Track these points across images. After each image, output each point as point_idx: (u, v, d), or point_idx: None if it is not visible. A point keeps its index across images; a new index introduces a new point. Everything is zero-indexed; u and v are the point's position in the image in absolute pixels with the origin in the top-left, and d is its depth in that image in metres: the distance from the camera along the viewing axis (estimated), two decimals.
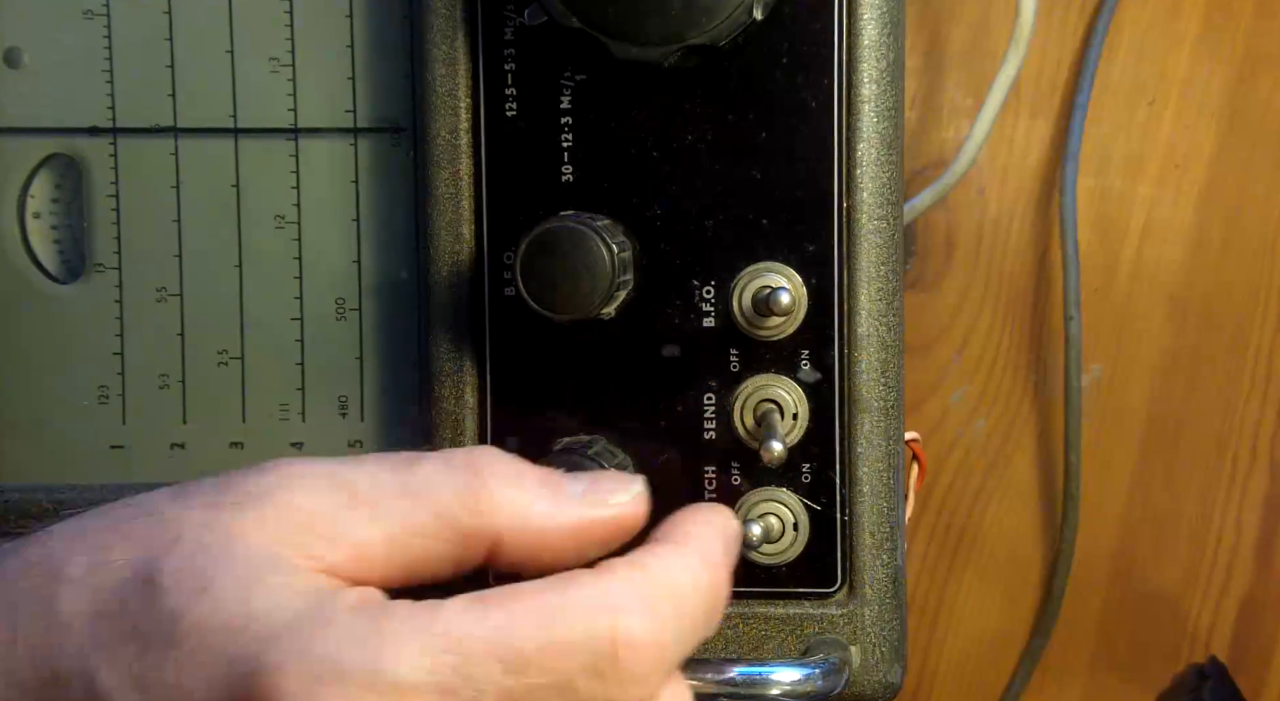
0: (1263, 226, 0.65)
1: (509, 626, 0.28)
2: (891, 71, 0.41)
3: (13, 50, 0.45)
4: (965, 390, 0.66)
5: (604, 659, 0.28)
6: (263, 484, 0.30)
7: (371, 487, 0.30)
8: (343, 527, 0.29)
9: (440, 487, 0.30)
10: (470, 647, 0.27)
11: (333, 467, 0.30)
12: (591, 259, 0.38)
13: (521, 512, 0.31)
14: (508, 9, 0.41)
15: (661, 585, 0.30)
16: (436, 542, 0.30)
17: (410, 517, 0.30)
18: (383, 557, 0.30)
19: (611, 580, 0.30)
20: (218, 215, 0.45)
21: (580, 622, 0.28)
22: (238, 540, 0.29)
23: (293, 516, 0.29)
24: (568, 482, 0.32)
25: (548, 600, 0.29)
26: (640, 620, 0.29)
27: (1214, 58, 0.65)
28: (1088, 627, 0.67)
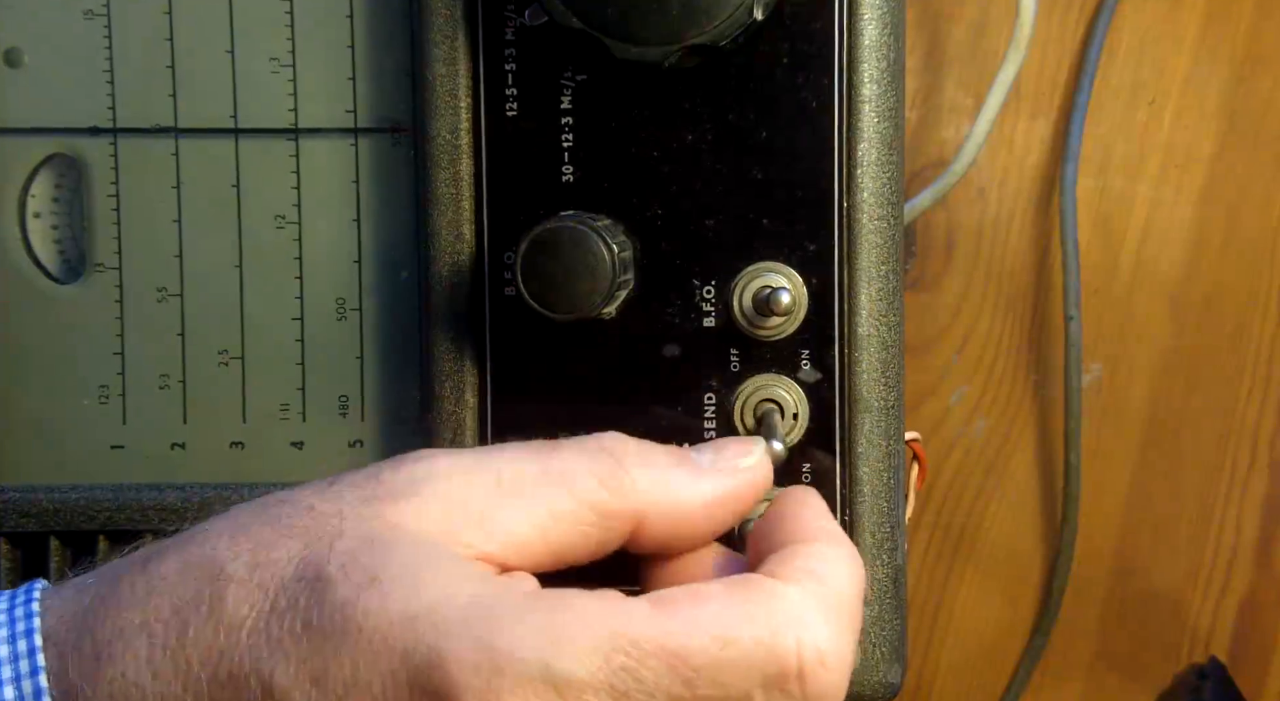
0: (1263, 226, 0.65)
1: (687, 634, 0.28)
2: (892, 71, 0.41)
3: (13, 50, 0.45)
4: (965, 390, 0.67)
5: (788, 678, 0.28)
6: (413, 475, 0.30)
7: (516, 475, 0.30)
8: (495, 516, 0.30)
9: (581, 472, 0.31)
10: (644, 650, 0.27)
11: (476, 458, 0.31)
12: (592, 259, 0.38)
13: (661, 490, 0.31)
14: (508, 9, 0.41)
15: (835, 593, 0.30)
16: (582, 526, 0.30)
17: (557, 503, 0.30)
18: (533, 544, 0.30)
19: (789, 589, 0.29)
20: (218, 215, 0.45)
21: (761, 637, 0.28)
22: (398, 530, 0.29)
23: (446, 506, 0.29)
24: (694, 454, 0.32)
25: (726, 608, 0.28)
26: (827, 635, 0.29)
27: (1214, 58, 0.65)
28: (1088, 627, 0.67)
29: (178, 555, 0.29)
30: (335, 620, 0.27)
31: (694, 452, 0.33)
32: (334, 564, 0.28)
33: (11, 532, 0.45)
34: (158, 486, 0.45)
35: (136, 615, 0.29)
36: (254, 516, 0.30)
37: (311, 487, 0.31)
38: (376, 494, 0.30)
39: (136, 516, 0.44)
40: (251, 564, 0.29)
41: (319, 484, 0.31)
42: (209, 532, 0.30)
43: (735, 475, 0.32)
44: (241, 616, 0.28)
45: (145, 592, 0.29)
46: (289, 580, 0.28)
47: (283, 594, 0.28)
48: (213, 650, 0.28)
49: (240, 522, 0.30)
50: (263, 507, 0.30)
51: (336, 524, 0.29)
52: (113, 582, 0.29)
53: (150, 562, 0.30)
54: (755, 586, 0.29)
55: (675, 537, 0.31)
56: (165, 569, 0.29)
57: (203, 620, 0.28)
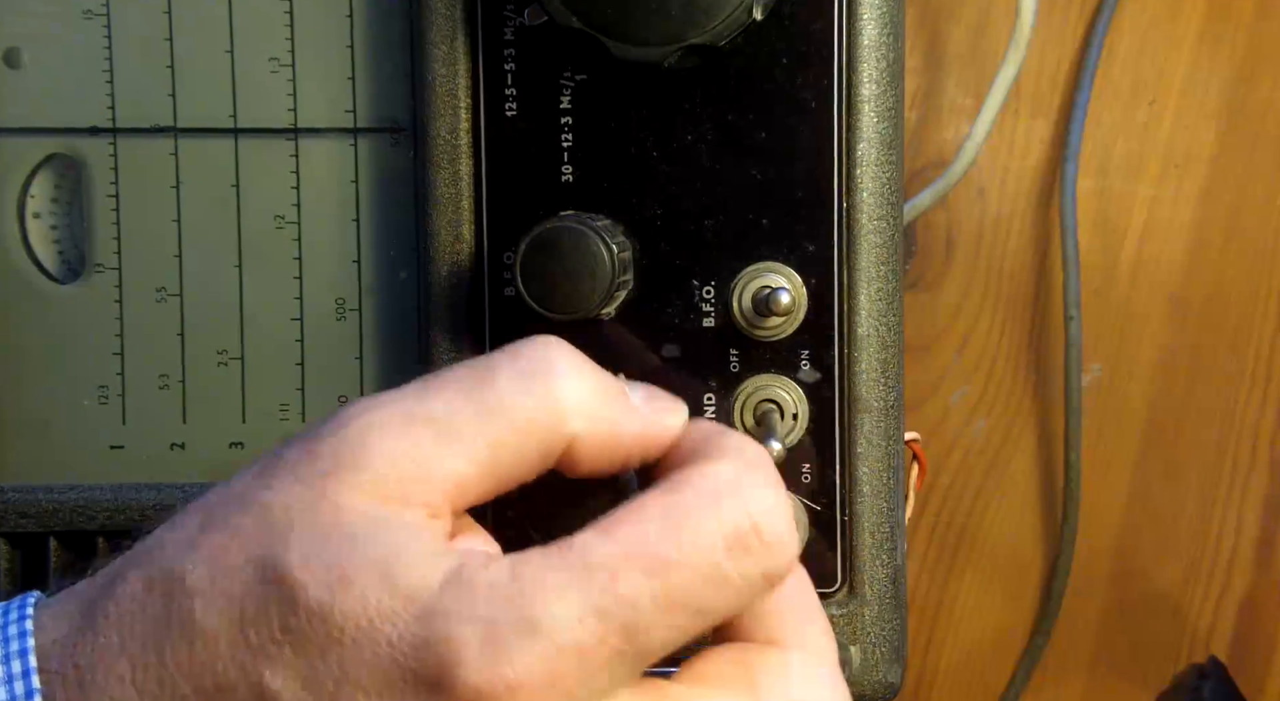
0: (1263, 226, 0.65)
1: (641, 536, 0.28)
2: (891, 71, 0.41)
3: (13, 50, 0.45)
4: (965, 390, 0.67)
5: (746, 534, 0.29)
6: (349, 440, 0.30)
7: (452, 417, 0.30)
8: (434, 466, 0.29)
9: (518, 400, 0.30)
10: (610, 567, 0.28)
11: (407, 404, 0.30)
12: (591, 259, 0.38)
13: (594, 415, 0.31)
14: (508, 9, 0.41)
15: (755, 459, 0.31)
16: (521, 452, 0.30)
17: (494, 437, 0.30)
18: (476, 480, 0.30)
19: (718, 466, 0.30)
20: (217, 215, 0.45)
21: (709, 509, 0.29)
22: (345, 511, 0.29)
23: (385, 469, 0.29)
24: (629, 390, 0.33)
25: (669, 500, 0.29)
26: (763, 488, 0.30)
27: (1214, 58, 0.65)
28: (1088, 627, 0.67)
29: (138, 573, 0.29)
30: (313, 623, 0.27)
31: (629, 389, 0.33)
32: (295, 564, 0.28)
33: (11, 533, 0.45)
34: (157, 486, 0.45)
35: (114, 639, 0.28)
36: (199, 520, 0.30)
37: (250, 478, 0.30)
38: (316, 471, 0.29)
39: (136, 516, 0.44)
40: (210, 575, 0.28)
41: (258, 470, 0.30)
42: (162, 545, 0.30)
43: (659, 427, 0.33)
44: (214, 628, 0.28)
45: (117, 616, 0.29)
46: (252, 584, 0.28)
47: (249, 600, 0.28)
48: (194, 664, 0.28)
49: (188, 528, 0.30)
50: (207, 510, 0.30)
51: (285, 517, 0.29)
52: (85, 609, 0.29)
53: (114, 584, 0.29)
54: (686, 475, 0.30)
55: (599, 460, 0.32)
56: (130, 589, 0.29)
57: (177, 638, 0.28)
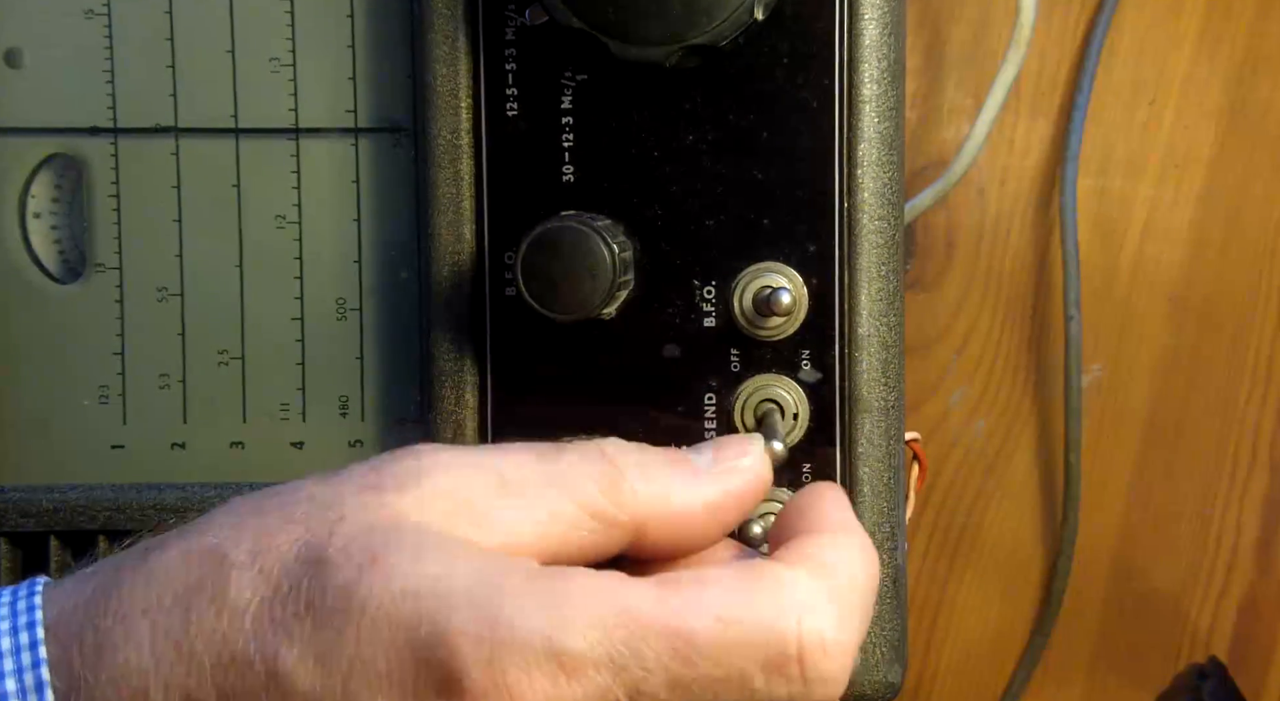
0: (1262, 226, 0.65)
1: (687, 613, 0.28)
2: (892, 71, 0.41)
3: (13, 50, 0.45)
4: (965, 390, 0.67)
5: (789, 662, 0.28)
6: (415, 469, 0.30)
7: (518, 476, 0.30)
8: (495, 515, 0.30)
9: (583, 478, 0.31)
10: (644, 627, 0.27)
11: (479, 455, 0.31)
12: (592, 259, 0.38)
13: (661, 500, 0.31)
14: (508, 9, 0.41)
15: (845, 582, 0.30)
16: (582, 531, 0.30)
17: (557, 507, 0.30)
18: (531, 544, 0.30)
19: (797, 576, 0.29)
20: (218, 215, 0.45)
21: (764, 619, 0.28)
22: (399, 517, 0.29)
23: (447, 501, 0.29)
24: (693, 457, 0.32)
25: (731, 591, 0.28)
26: (831, 622, 0.29)
27: (1214, 58, 0.65)
28: (1088, 627, 0.67)
29: (179, 545, 0.30)
30: (338, 600, 0.28)
31: (693, 454, 0.33)
32: (334, 547, 0.28)
33: (11, 532, 0.45)
34: (158, 486, 0.45)
35: (139, 603, 0.29)
36: (255, 506, 0.30)
37: (312, 479, 0.31)
38: (378, 484, 0.30)
39: (136, 516, 0.44)
40: (253, 550, 0.29)
41: (320, 475, 0.31)
42: (210, 523, 0.30)
43: (734, 475, 0.32)
44: (245, 600, 0.28)
45: (146, 581, 0.29)
46: (291, 564, 0.28)
47: (285, 578, 0.28)
48: (216, 634, 0.28)
49: (242, 513, 0.30)
50: (263, 498, 0.31)
51: (338, 511, 0.29)
52: (114, 572, 0.30)
53: (151, 553, 0.30)
54: (761, 570, 0.29)
55: (678, 543, 0.32)
56: (167, 558, 0.29)
57: (205, 606, 0.28)
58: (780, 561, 0.30)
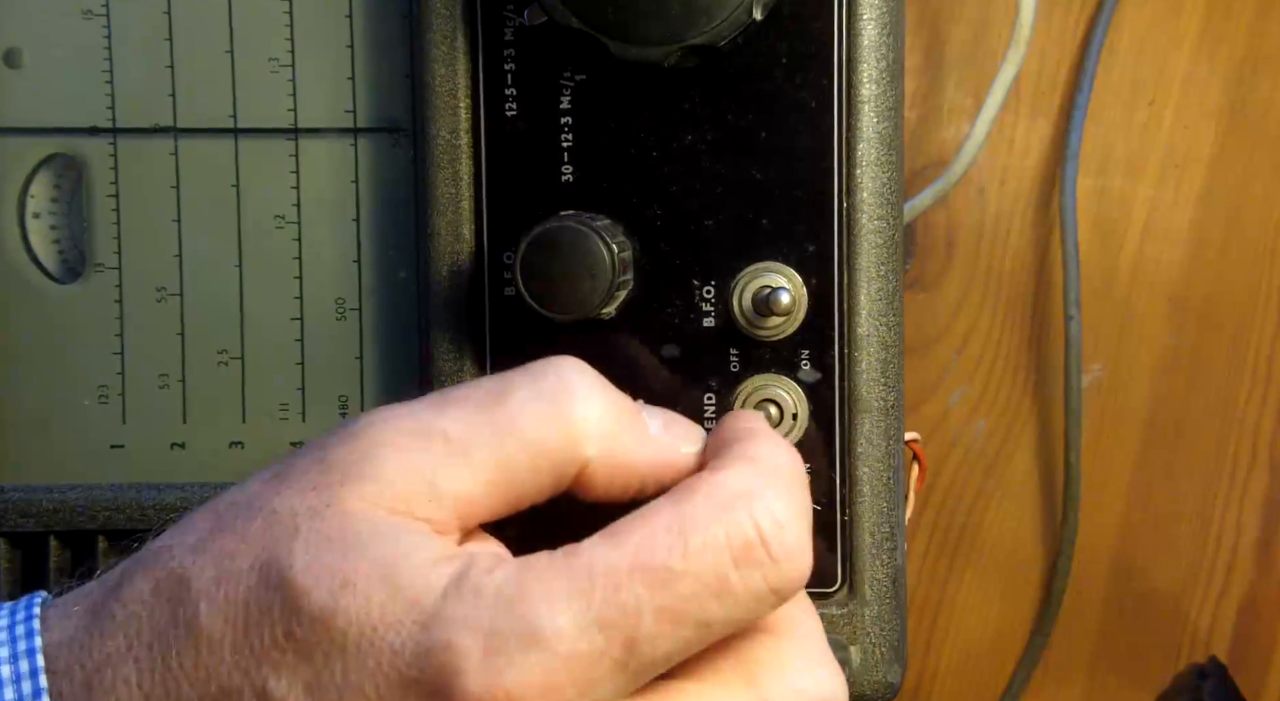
0: (1263, 226, 0.65)
1: (646, 545, 0.28)
2: (891, 71, 0.41)
3: (13, 50, 0.45)
4: (965, 390, 0.67)
5: (753, 546, 0.28)
6: (360, 450, 0.30)
7: (464, 433, 0.30)
8: (444, 484, 0.29)
9: (532, 421, 0.30)
10: (614, 577, 0.28)
11: (422, 418, 0.30)
12: (591, 259, 0.38)
13: (609, 440, 0.31)
14: (508, 9, 0.41)
15: (774, 466, 0.30)
16: (533, 474, 0.30)
17: (506, 457, 0.30)
18: (485, 499, 0.30)
19: (729, 474, 0.30)
20: (218, 215, 0.45)
21: (715, 520, 0.28)
22: (351, 518, 0.29)
23: (394, 483, 0.29)
24: (646, 417, 0.32)
25: (676, 511, 0.29)
26: (774, 499, 0.29)
27: (1214, 58, 0.65)
28: (1088, 627, 0.67)
29: (146, 575, 0.29)
30: (316, 629, 0.27)
31: (646, 414, 0.33)
32: (298, 567, 0.28)
33: (11, 532, 0.45)
34: (157, 486, 0.45)
35: (120, 641, 0.28)
36: (209, 525, 0.30)
37: (262, 482, 0.30)
38: (326, 481, 0.29)
39: (136, 516, 0.44)
40: (217, 577, 0.28)
41: (270, 475, 0.31)
42: (173, 548, 0.30)
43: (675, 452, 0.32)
44: (219, 632, 0.28)
45: (123, 618, 0.29)
46: (255, 588, 0.28)
47: (253, 604, 0.28)
48: (199, 669, 0.28)
49: (197, 532, 0.30)
50: (217, 515, 0.30)
51: (291, 522, 0.29)
52: (93, 609, 0.29)
53: (122, 586, 0.29)
54: (696, 484, 0.30)
55: (610, 486, 0.32)
56: (137, 591, 0.29)
57: (182, 641, 0.28)
58: (709, 467, 0.30)
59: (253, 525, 0.29)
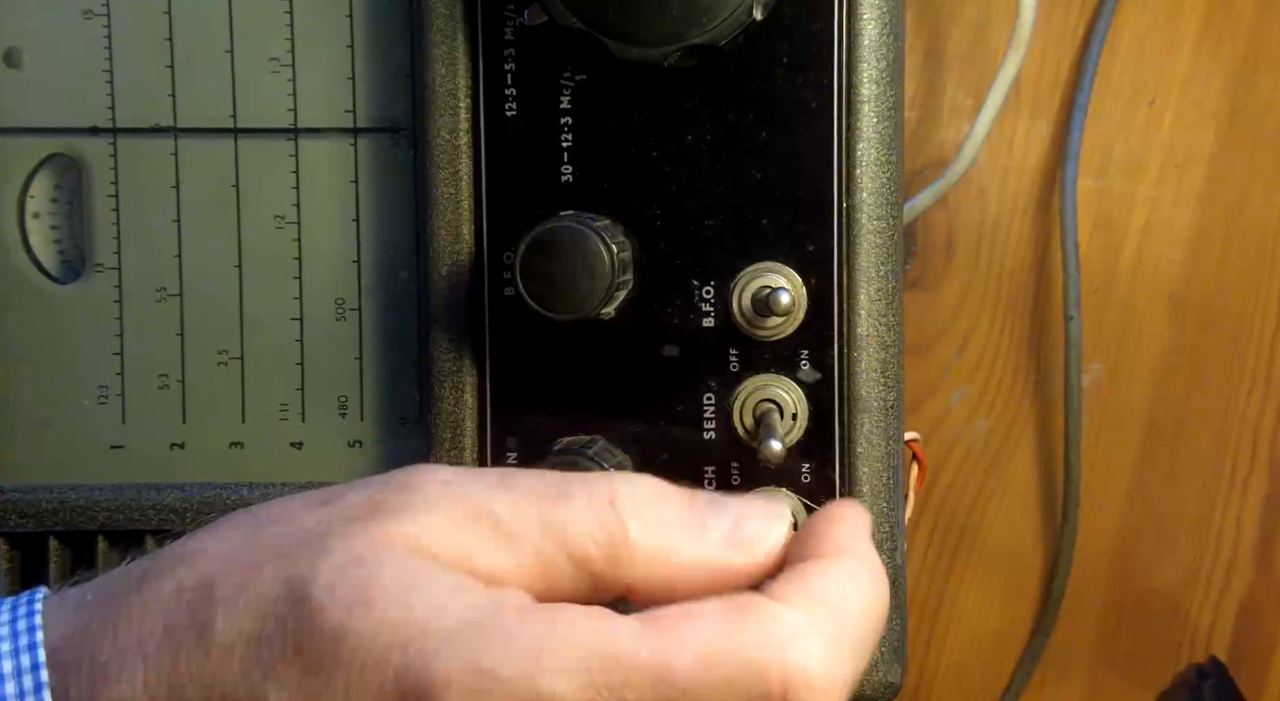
0: (1263, 226, 0.65)
1: (672, 653, 0.27)
2: (891, 71, 0.41)
3: (13, 50, 0.45)
4: (965, 390, 0.66)
5: (772, 698, 0.27)
6: (410, 500, 0.29)
7: (514, 519, 0.29)
8: (481, 560, 0.29)
9: (583, 532, 0.29)
10: (627, 669, 0.27)
11: (476, 491, 0.30)
12: (591, 259, 0.38)
13: (660, 564, 0.30)
14: (508, 9, 0.41)
15: (838, 613, 0.29)
16: (573, 582, 0.30)
17: (546, 557, 0.29)
18: (515, 583, 0.29)
19: (787, 609, 0.28)
20: (218, 215, 0.45)
21: (748, 658, 0.27)
22: (383, 549, 0.28)
23: (434, 538, 0.29)
24: (711, 518, 0.30)
25: (716, 630, 0.28)
26: (817, 654, 0.28)
27: (1214, 58, 0.65)
28: (1088, 627, 0.67)
29: (170, 575, 0.29)
30: (325, 644, 0.27)
31: (712, 513, 0.31)
32: (320, 584, 0.28)
33: (11, 532, 0.45)
34: (157, 486, 0.45)
35: (132, 638, 0.28)
36: (244, 534, 0.30)
37: (305, 501, 0.31)
38: (368, 513, 0.29)
39: (136, 516, 0.44)
40: (240, 585, 0.28)
41: (312, 498, 0.31)
42: (200, 553, 0.30)
43: (746, 556, 0.30)
44: (231, 640, 0.28)
45: (140, 615, 0.29)
46: (276, 601, 0.28)
47: (271, 616, 0.28)
48: (205, 674, 0.28)
49: (231, 540, 0.30)
50: (254, 525, 0.30)
51: (325, 543, 0.29)
52: (109, 603, 0.29)
53: (144, 583, 0.29)
54: (749, 606, 0.28)
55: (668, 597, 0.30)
56: (158, 590, 0.29)
57: (194, 644, 0.28)
58: (771, 593, 0.29)
59: (286, 540, 0.29)
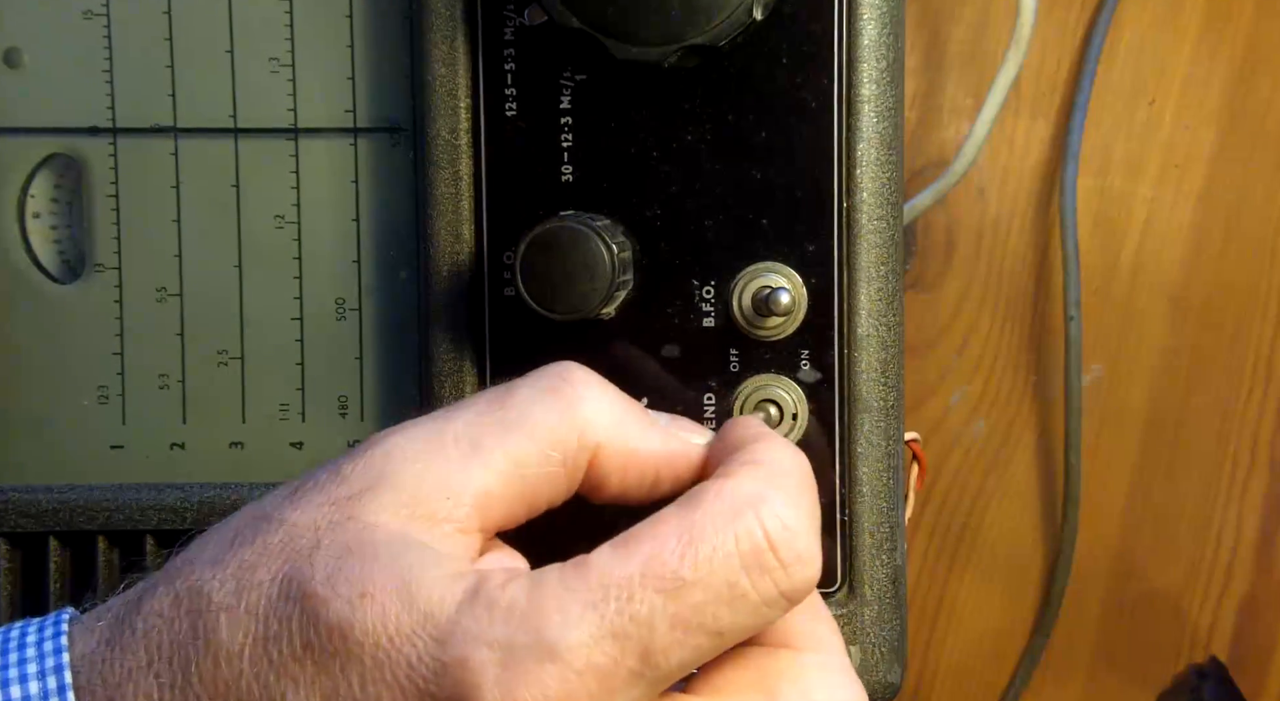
0: (1263, 226, 0.65)
1: (656, 554, 0.28)
2: (891, 71, 0.41)
3: (13, 50, 0.45)
4: (965, 390, 0.67)
5: (762, 552, 0.29)
6: (373, 465, 0.30)
7: (472, 433, 0.30)
8: (458, 480, 0.30)
9: (538, 414, 0.31)
10: (626, 588, 0.28)
11: (431, 427, 0.31)
12: (591, 259, 0.38)
13: (616, 427, 0.31)
14: (508, 9, 0.41)
15: (780, 470, 0.30)
16: (546, 467, 0.31)
17: (518, 451, 0.30)
18: (504, 496, 0.30)
19: (735, 480, 0.30)
20: (217, 215, 0.45)
21: (723, 526, 0.29)
22: (373, 530, 0.29)
23: (410, 490, 0.30)
24: (652, 413, 0.33)
25: (684, 519, 0.29)
26: (782, 504, 0.29)
27: (1214, 58, 0.65)
28: (1088, 627, 0.67)
29: (167, 589, 0.30)
30: (334, 640, 0.27)
31: (651, 412, 0.33)
32: (318, 579, 0.28)
33: (11, 532, 0.45)
34: (157, 486, 0.45)
35: (141, 656, 0.29)
36: (233, 538, 0.30)
37: (279, 498, 0.31)
38: (344, 494, 0.30)
39: (136, 516, 0.44)
40: (237, 589, 0.29)
41: (287, 492, 0.31)
42: (193, 562, 0.30)
43: (683, 443, 0.33)
44: (238, 644, 0.28)
45: (144, 632, 0.29)
46: (276, 600, 0.28)
47: (273, 616, 0.28)
48: (218, 681, 0.28)
49: (219, 546, 0.30)
50: (239, 529, 0.30)
51: (312, 536, 0.29)
52: (115, 624, 0.30)
53: (144, 600, 0.30)
54: (702, 491, 0.30)
55: (625, 477, 0.32)
56: (158, 605, 0.29)
57: (202, 654, 0.28)
58: (716, 475, 0.31)
59: (273, 538, 0.29)
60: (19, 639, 0.29)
